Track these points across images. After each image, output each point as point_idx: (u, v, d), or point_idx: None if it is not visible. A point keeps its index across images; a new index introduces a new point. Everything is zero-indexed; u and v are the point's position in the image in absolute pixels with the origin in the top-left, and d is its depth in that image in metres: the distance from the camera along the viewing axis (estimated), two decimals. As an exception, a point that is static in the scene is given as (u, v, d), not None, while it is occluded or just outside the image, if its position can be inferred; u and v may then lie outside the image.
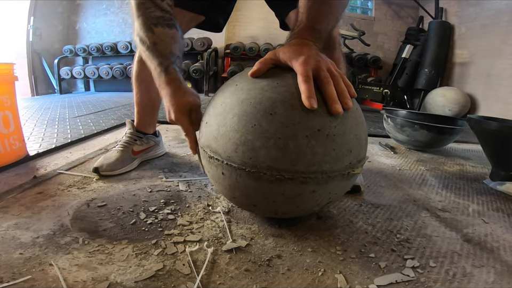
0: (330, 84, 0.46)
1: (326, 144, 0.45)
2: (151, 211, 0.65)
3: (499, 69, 2.74)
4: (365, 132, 0.54)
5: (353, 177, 0.53)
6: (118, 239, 0.54)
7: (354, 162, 0.50)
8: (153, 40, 0.60)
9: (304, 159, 0.45)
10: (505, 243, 0.62)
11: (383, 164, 1.17)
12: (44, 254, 0.48)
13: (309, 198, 0.49)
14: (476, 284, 0.48)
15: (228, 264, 0.49)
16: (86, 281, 0.42)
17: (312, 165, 0.45)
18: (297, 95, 0.45)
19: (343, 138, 0.47)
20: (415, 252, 0.56)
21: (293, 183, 0.46)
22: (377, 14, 3.89)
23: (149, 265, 0.47)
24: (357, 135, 0.49)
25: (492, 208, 0.81)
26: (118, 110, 2.17)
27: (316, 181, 0.46)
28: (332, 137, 0.46)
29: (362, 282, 0.46)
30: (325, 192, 0.50)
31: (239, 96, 0.49)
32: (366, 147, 0.55)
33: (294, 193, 0.47)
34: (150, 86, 0.92)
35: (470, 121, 1.12)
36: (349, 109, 0.48)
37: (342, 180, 0.49)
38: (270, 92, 0.47)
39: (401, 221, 0.69)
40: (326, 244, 0.57)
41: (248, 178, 0.47)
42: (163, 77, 0.60)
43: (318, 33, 0.54)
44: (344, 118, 0.47)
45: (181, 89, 0.59)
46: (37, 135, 1.37)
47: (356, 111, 0.51)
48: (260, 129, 0.45)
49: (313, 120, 0.45)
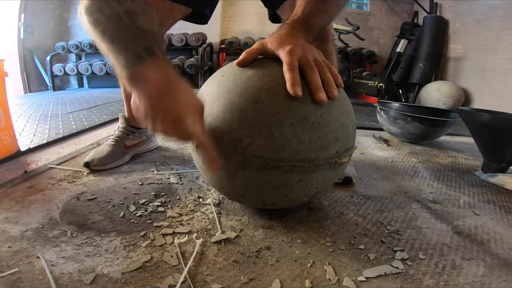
0: (315, 73, 0.46)
1: (311, 132, 0.45)
2: (141, 204, 0.65)
3: (493, 63, 2.75)
4: (353, 121, 0.54)
5: (341, 167, 0.53)
6: (107, 232, 0.53)
7: (341, 151, 0.50)
8: (127, 9, 0.40)
9: (290, 147, 0.45)
10: (495, 235, 0.62)
11: (376, 156, 1.18)
12: (31, 247, 0.48)
13: (296, 187, 0.49)
14: (465, 277, 0.48)
15: (216, 256, 0.49)
16: (72, 273, 0.42)
17: (298, 153, 0.45)
18: (283, 84, 0.45)
19: (329, 127, 0.47)
20: (405, 244, 0.56)
21: (279, 172, 0.46)
22: (373, 8, 3.88)
23: (137, 257, 0.46)
24: (344, 123, 0.49)
25: (483, 200, 0.81)
26: (111, 105, 2.15)
27: (302, 170, 0.46)
28: (318, 125, 0.46)
29: (351, 274, 0.46)
30: (312, 182, 0.50)
31: (225, 86, 0.49)
32: (353, 136, 0.55)
33: (281, 182, 0.47)
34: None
35: (461, 113, 1.12)
36: (334, 98, 0.47)
37: (329, 169, 0.49)
38: (256, 81, 0.47)
39: (391, 212, 0.69)
40: (316, 236, 0.57)
41: (234, 167, 0.47)
42: (146, 63, 0.40)
43: (311, 26, 0.54)
44: (329, 107, 0.47)
45: (177, 78, 0.42)
46: (29, 131, 1.35)
47: (342, 100, 0.51)
48: (246, 117, 0.45)
49: (299, 108, 0.45)
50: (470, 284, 0.46)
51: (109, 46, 0.41)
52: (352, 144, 0.54)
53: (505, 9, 2.60)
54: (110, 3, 0.41)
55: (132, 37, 0.40)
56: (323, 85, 0.47)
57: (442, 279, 0.47)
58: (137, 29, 0.40)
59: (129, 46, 0.40)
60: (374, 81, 3.08)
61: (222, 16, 3.73)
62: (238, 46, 3.55)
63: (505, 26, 2.61)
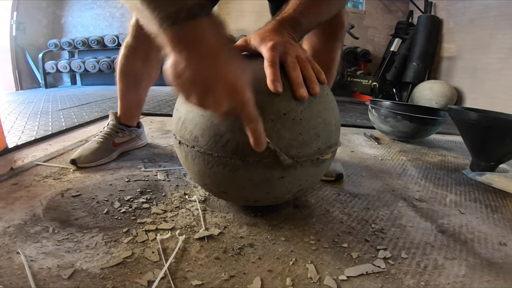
0: (296, 69, 0.46)
1: (292, 128, 0.45)
2: (126, 200, 0.64)
3: (486, 63, 2.78)
4: (336, 118, 0.54)
5: (324, 164, 0.53)
6: (89, 228, 0.53)
7: (323, 148, 0.50)
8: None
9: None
10: (480, 235, 0.62)
11: (366, 154, 1.18)
12: (12, 243, 0.48)
13: (278, 184, 0.49)
14: (446, 277, 0.47)
15: (198, 252, 0.49)
16: (51, 268, 0.42)
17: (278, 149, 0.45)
18: (264, 80, 0.45)
19: (310, 123, 0.47)
20: (388, 243, 0.56)
21: (260, 168, 0.46)
22: (368, 7, 3.89)
23: (117, 253, 0.46)
24: (326, 120, 0.50)
25: (469, 198, 0.82)
26: (103, 102, 2.14)
27: (284, 166, 0.46)
28: (298, 121, 0.46)
29: (332, 272, 0.46)
30: (294, 178, 0.50)
31: None
32: (337, 133, 0.55)
33: (262, 178, 0.47)
34: (137, 82, 0.89)
35: (450, 112, 1.13)
36: (315, 94, 0.47)
37: (311, 166, 0.50)
38: None
39: (377, 210, 0.69)
40: (300, 233, 0.56)
41: (215, 164, 0.47)
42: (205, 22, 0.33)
43: (299, 25, 0.53)
44: (311, 103, 0.47)
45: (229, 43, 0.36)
46: (18, 128, 1.33)
47: (325, 97, 0.51)
48: None
49: (279, 104, 0.45)
50: (451, 285, 0.45)
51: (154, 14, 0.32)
52: (336, 141, 0.55)
53: (499, 9, 2.62)
54: None
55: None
56: (305, 81, 0.46)
57: (423, 279, 0.46)
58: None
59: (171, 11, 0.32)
60: (368, 80, 3.09)
61: (218, 14, 3.71)
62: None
63: (499, 25, 2.63)
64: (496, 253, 0.55)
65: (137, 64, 0.84)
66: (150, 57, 0.83)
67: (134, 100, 0.94)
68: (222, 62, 0.35)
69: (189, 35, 0.33)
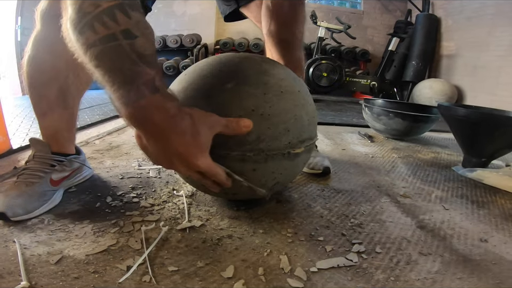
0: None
1: (260, 123, 0.48)
2: (117, 195, 0.68)
3: (485, 60, 2.77)
4: (310, 114, 0.57)
5: (298, 158, 0.56)
6: (80, 220, 0.57)
7: (294, 142, 0.53)
8: (125, 28, 0.34)
9: (238, 137, 0.48)
10: (460, 231, 0.61)
11: (357, 152, 1.20)
12: (10, 233, 0.52)
13: (251, 176, 0.52)
14: (417, 273, 0.47)
15: (179, 242, 0.52)
16: (42, 254, 0.46)
17: (247, 143, 0.49)
18: (234, 77, 0.49)
19: (279, 118, 0.50)
20: (365, 237, 0.57)
21: (231, 161, 0.49)
22: (366, 7, 3.90)
23: (104, 242, 0.50)
24: (297, 115, 0.53)
25: (456, 194, 0.81)
26: (105, 106, 2.19)
27: (255, 159, 0.49)
28: (267, 116, 0.49)
29: (304, 264, 0.48)
30: (266, 172, 0.53)
31: (183, 84, 0.53)
32: (311, 128, 0.58)
33: (234, 171, 0.50)
34: (65, 87, 0.63)
35: (440, 108, 1.15)
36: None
37: (284, 159, 0.53)
38: (210, 77, 0.51)
39: (359, 206, 0.70)
40: (279, 227, 0.58)
41: None
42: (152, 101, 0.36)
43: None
44: (280, 100, 0.50)
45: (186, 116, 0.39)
46: (23, 131, 1.39)
47: (297, 94, 0.54)
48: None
49: (247, 101, 0.48)
50: (421, 281, 0.45)
51: (105, 75, 0.35)
52: (310, 136, 0.57)
53: (496, 7, 2.62)
54: (103, 19, 0.33)
55: (131, 67, 0.34)
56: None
57: (394, 274, 0.47)
58: (137, 56, 0.35)
59: (128, 79, 0.34)
60: (367, 79, 3.11)
61: (217, 17, 3.77)
62: (233, 47, 3.58)
63: (496, 23, 2.63)
64: (475, 250, 0.55)
65: (58, 66, 0.60)
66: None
67: (63, 117, 0.67)
68: (171, 137, 0.38)
69: (139, 115, 0.36)
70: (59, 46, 0.48)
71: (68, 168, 0.69)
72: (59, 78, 0.62)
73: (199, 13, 3.80)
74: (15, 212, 0.55)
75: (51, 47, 0.58)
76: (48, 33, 0.57)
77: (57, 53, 0.58)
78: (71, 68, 0.61)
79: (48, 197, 0.61)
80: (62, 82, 0.63)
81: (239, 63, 0.54)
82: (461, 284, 0.46)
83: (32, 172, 0.62)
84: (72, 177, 0.71)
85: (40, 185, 0.61)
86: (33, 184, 0.60)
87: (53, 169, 0.65)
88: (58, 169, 0.66)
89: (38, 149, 0.66)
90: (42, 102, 0.64)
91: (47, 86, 0.62)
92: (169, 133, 0.37)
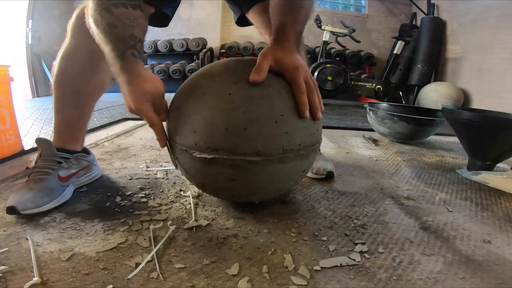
0: (314, 94, 0.57)
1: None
2: (126, 195, 0.70)
3: (491, 63, 2.76)
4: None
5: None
6: (91, 218, 0.59)
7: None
8: (110, 22, 0.52)
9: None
10: (464, 232, 0.62)
11: (361, 155, 1.21)
12: (23, 230, 0.54)
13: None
14: (420, 272, 0.47)
15: (185, 240, 0.53)
16: (53, 251, 0.48)
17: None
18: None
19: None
20: (368, 237, 0.57)
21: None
22: (371, 11, 3.91)
23: (113, 239, 0.52)
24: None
25: (460, 197, 0.81)
26: (113, 109, 2.23)
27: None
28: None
29: (308, 263, 0.48)
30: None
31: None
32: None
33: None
34: (77, 91, 0.71)
35: (444, 111, 1.15)
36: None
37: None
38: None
39: (362, 207, 0.71)
40: (283, 227, 0.59)
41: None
42: (118, 63, 0.53)
43: (299, 34, 0.61)
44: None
45: (139, 75, 0.53)
46: (34, 133, 1.43)
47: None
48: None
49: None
50: (423, 280, 0.46)
51: (102, 47, 0.55)
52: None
53: (501, 9, 2.61)
54: (102, 16, 0.53)
55: (113, 44, 0.53)
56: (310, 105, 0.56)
57: (396, 274, 0.47)
58: (116, 37, 0.53)
59: (109, 51, 0.53)
60: (372, 83, 3.11)
61: (222, 21, 3.82)
62: (238, 50, 3.62)
63: (501, 26, 2.62)
64: (478, 250, 0.55)
65: (77, 69, 0.70)
66: (93, 62, 0.69)
67: (73, 113, 0.73)
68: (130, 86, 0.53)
69: (117, 71, 0.54)
70: (86, 58, 0.69)
71: (75, 166, 0.72)
72: (76, 79, 0.71)
73: (205, 17, 3.85)
74: (25, 206, 0.57)
75: (77, 59, 0.70)
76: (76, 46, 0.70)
77: (81, 63, 0.70)
78: (89, 77, 0.72)
79: (57, 192, 0.64)
80: (78, 85, 0.71)
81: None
82: (463, 283, 0.46)
83: (40, 169, 0.65)
84: (81, 176, 0.74)
85: (49, 181, 0.64)
86: (41, 181, 0.63)
87: (60, 166, 0.68)
88: (65, 166, 0.69)
89: (44, 148, 0.69)
90: (59, 99, 0.72)
91: (66, 86, 0.72)
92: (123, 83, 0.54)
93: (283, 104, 0.53)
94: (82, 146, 0.78)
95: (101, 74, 0.73)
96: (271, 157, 0.51)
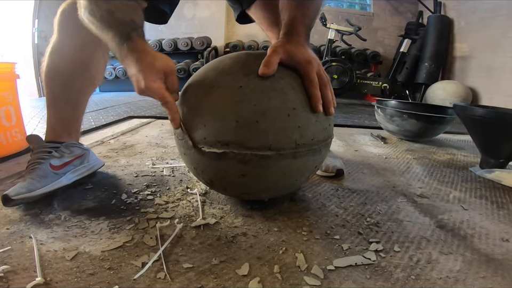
0: (327, 88, 0.55)
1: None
2: (132, 193, 0.69)
3: (500, 62, 2.71)
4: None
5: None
6: (96, 216, 0.57)
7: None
8: (107, 8, 0.50)
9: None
10: (481, 230, 0.60)
11: (370, 153, 1.18)
12: (27, 228, 0.52)
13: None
14: (439, 271, 0.46)
15: (193, 239, 0.51)
16: (58, 250, 0.46)
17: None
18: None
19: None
20: (382, 236, 0.55)
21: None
22: (376, 9, 3.87)
23: (119, 238, 0.50)
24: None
25: (474, 195, 0.79)
26: (118, 107, 2.23)
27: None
28: None
29: (321, 262, 0.47)
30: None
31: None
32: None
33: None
34: (69, 81, 0.71)
35: (455, 108, 1.12)
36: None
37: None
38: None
39: (375, 205, 0.69)
40: (294, 225, 0.58)
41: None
42: (124, 46, 0.50)
43: (309, 29, 0.59)
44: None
45: (149, 53, 0.51)
46: (40, 130, 1.43)
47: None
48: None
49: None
50: (443, 279, 0.44)
51: (103, 36, 0.52)
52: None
53: (508, 7, 2.56)
54: (98, 5, 0.51)
55: (114, 29, 0.51)
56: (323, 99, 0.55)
57: (414, 273, 0.45)
58: (116, 22, 0.51)
59: (112, 37, 0.51)
60: (378, 81, 3.07)
61: (226, 20, 3.80)
62: (242, 49, 3.61)
63: (510, 24, 2.57)
64: (497, 249, 0.53)
65: (65, 64, 0.69)
66: (81, 56, 0.69)
67: (66, 106, 0.72)
68: (140, 64, 0.50)
69: (123, 54, 0.51)
70: (74, 52, 0.67)
71: (67, 154, 0.71)
72: (65, 74, 0.70)
73: (209, 16, 3.84)
74: (17, 192, 0.58)
75: (65, 52, 0.69)
76: (64, 40, 0.69)
77: (70, 57, 0.69)
78: (78, 71, 0.71)
79: (50, 179, 0.65)
80: (67, 79, 0.71)
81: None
82: (485, 282, 0.44)
83: (32, 161, 0.67)
84: (78, 165, 0.74)
85: (40, 169, 0.65)
86: (34, 170, 0.64)
87: (50, 155, 0.68)
88: (56, 155, 0.69)
89: (33, 142, 0.70)
90: (50, 93, 0.72)
91: (56, 80, 0.71)
92: (132, 63, 0.50)
93: (295, 98, 0.50)
94: (77, 141, 0.77)
95: (91, 69, 0.72)
96: (283, 151, 0.49)
